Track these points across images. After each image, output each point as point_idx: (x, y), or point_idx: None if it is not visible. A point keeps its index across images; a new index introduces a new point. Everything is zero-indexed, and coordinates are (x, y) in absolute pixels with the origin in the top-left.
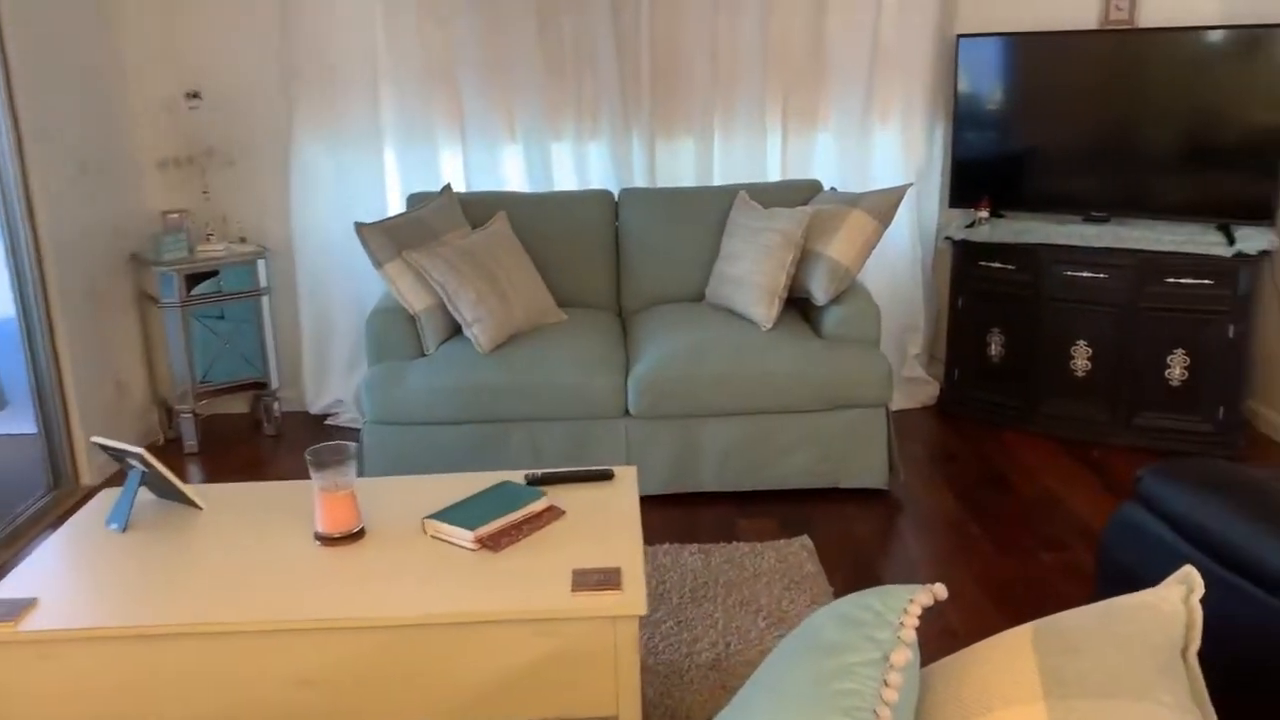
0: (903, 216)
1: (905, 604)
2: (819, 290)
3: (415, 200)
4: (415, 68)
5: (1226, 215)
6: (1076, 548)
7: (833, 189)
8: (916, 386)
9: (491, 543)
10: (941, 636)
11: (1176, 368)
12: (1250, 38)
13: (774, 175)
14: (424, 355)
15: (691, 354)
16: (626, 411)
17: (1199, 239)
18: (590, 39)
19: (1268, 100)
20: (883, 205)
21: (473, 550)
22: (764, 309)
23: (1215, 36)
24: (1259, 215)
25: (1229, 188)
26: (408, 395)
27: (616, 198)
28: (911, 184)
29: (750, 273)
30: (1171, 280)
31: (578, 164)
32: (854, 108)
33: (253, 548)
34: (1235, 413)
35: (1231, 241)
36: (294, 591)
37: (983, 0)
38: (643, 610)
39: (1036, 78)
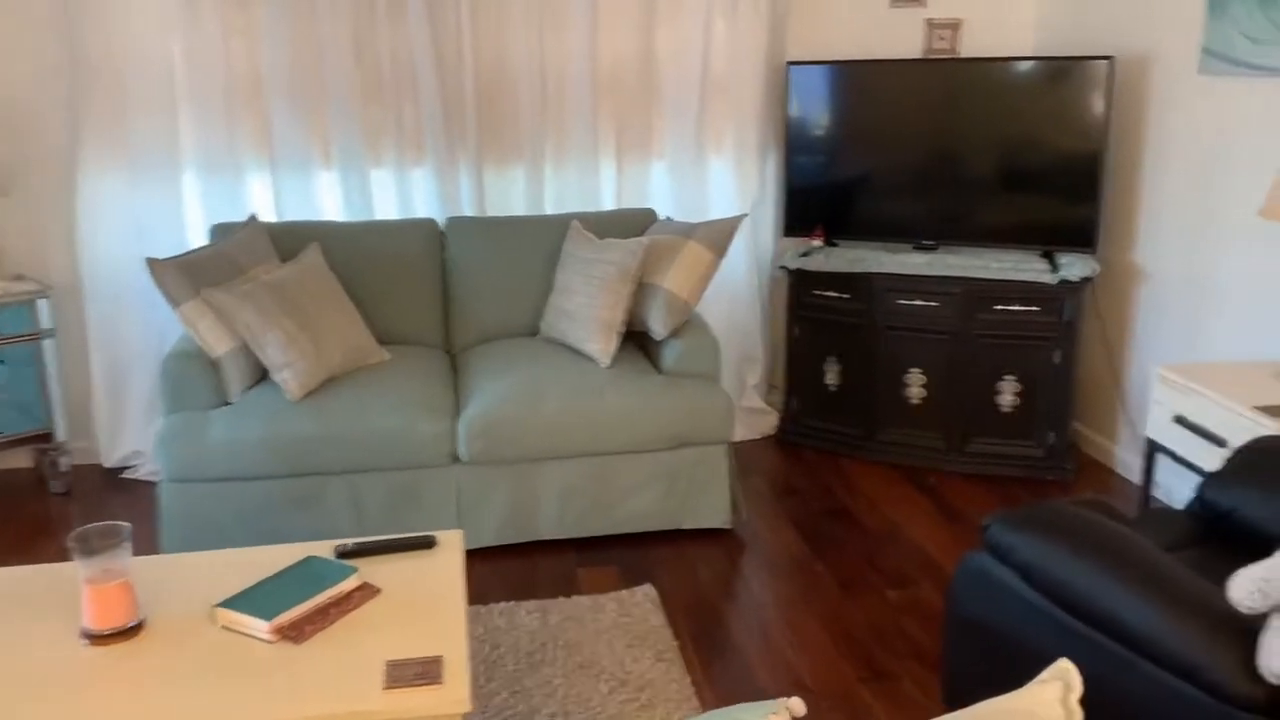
0: (738, 245)
1: None
2: (657, 324)
3: (219, 232)
4: (218, 85)
5: (1050, 242)
6: (921, 583)
7: (668, 218)
8: (756, 417)
9: (293, 633)
10: (791, 690)
11: (1008, 393)
12: (1062, 69)
13: (608, 204)
14: (227, 403)
15: (526, 394)
16: (457, 458)
17: (1024, 266)
18: (409, 61)
19: (1082, 130)
20: (718, 236)
21: (270, 643)
22: (601, 344)
23: (1031, 67)
24: (1080, 242)
25: (1051, 215)
26: (209, 448)
27: (443, 227)
28: (746, 214)
29: (586, 306)
30: (1000, 307)
31: (400, 192)
32: (687, 135)
33: (3, 649)
34: (1063, 437)
35: (1055, 269)
36: (52, 703)
37: (812, 28)
38: (467, 707)
39: (864, 106)
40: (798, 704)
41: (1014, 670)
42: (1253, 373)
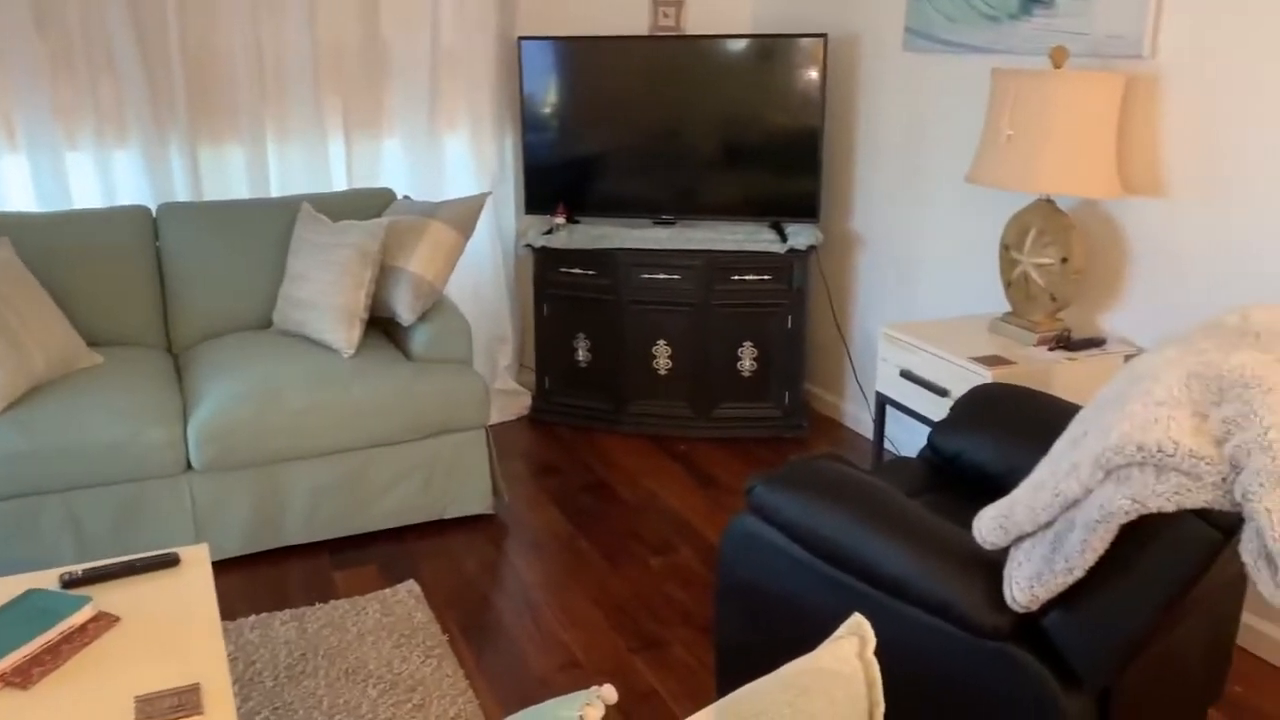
0: (482, 225)
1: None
2: (404, 309)
3: None
4: None
5: (778, 214)
6: (681, 548)
7: (406, 197)
8: (509, 398)
9: (18, 679)
10: (565, 669)
11: (747, 359)
12: (779, 46)
13: (340, 184)
14: None
15: (263, 391)
16: (189, 466)
17: (756, 237)
18: (104, 31)
19: (801, 105)
20: (462, 215)
21: None
22: (343, 333)
23: (750, 44)
24: (805, 213)
25: (777, 188)
26: None
27: (155, 214)
28: (489, 193)
29: (324, 294)
30: (736, 278)
31: (102, 176)
32: (419, 113)
33: None
34: (798, 396)
35: (784, 239)
36: None
37: (543, 4)
38: None
39: (596, 83)
40: (610, 692)
41: (786, 628)
42: (967, 326)
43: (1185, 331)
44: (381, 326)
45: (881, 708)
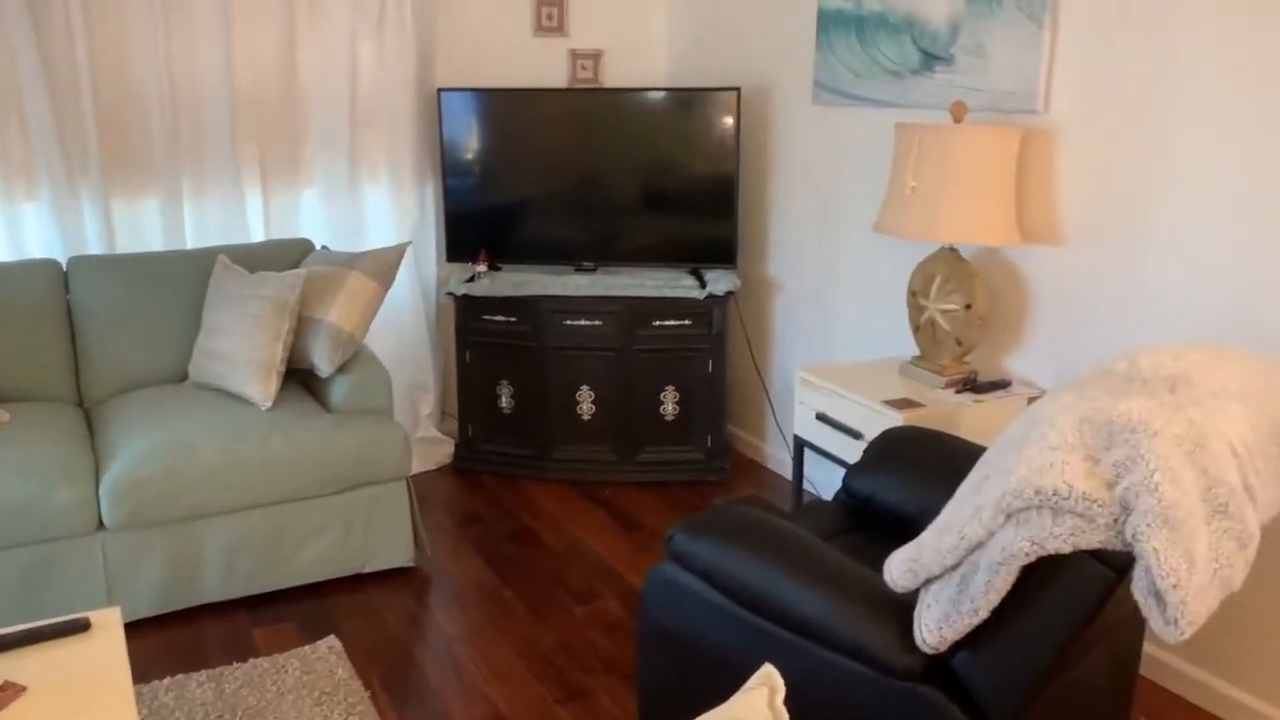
0: (402, 273)
1: None
2: (322, 360)
3: None
4: None
5: (697, 260)
6: (606, 596)
7: (325, 248)
8: (432, 446)
9: None
10: None
11: (669, 404)
12: (696, 98)
13: (257, 235)
14: None
15: (178, 446)
16: (101, 525)
17: (676, 283)
18: (11, 81)
19: (717, 154)
20: (382, 265)
21: None
22: (260, 386)
23: (667, 96)
24: (723, 259)
25: (696, 234)
26: None
27: (65, 268)
28: (409, 242)
29: (241, 347)
30: (657, 323)
31: (9, 230)
32: (339, 163)
33: None
34: (720, 439)
35: (703, 285)
36: None
37: (461, 55)
38: None
39: (516, 133)
40: None
41: (706, 674)
42: (879, 370)
43: (1079, 376)
44: (300, 378)
45: None
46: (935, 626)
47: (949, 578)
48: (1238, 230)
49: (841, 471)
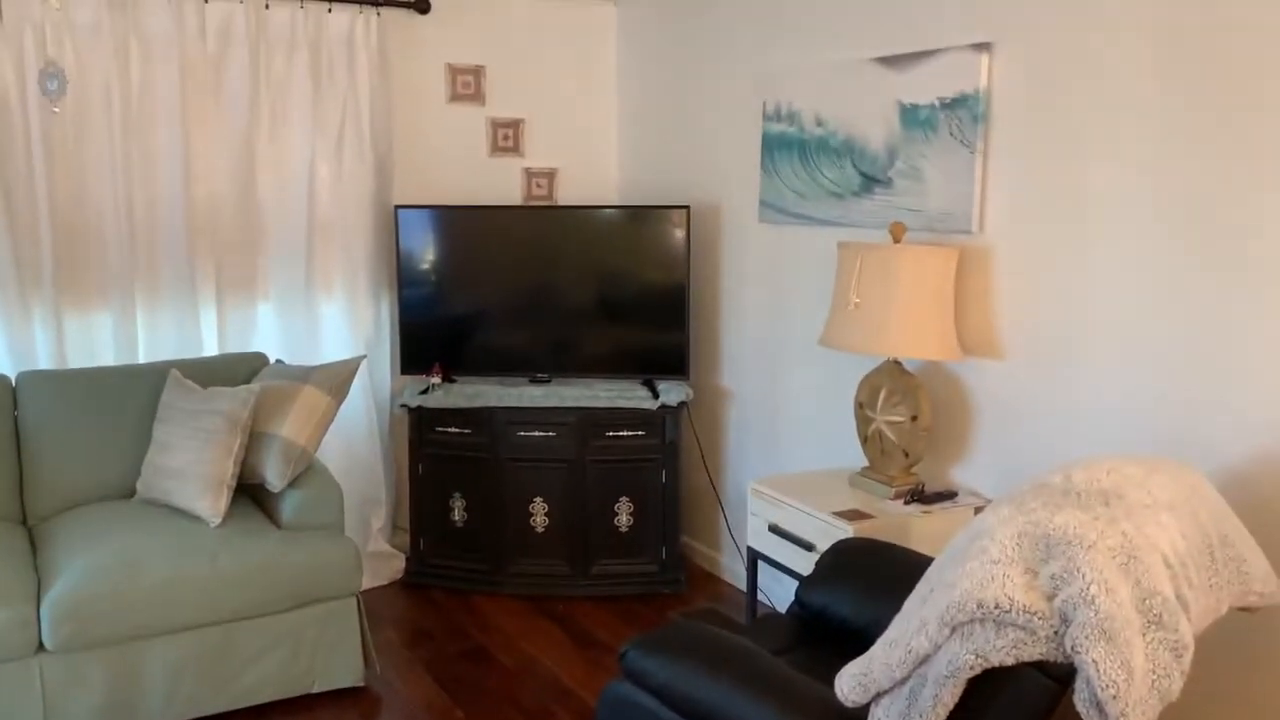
0: (356, 385)
1: None
2: (273, 475)
3: None
4: None
5: (649, 370)
6: (560, 715)
7: (279, 361)
8: (382, 561)
9: None
10: None
11: (623, 514)
12: (644, 215)
13: (211, 349)
14: None
15: (123, 564)
16: (42, 646)
17: (629, 394)
18: None
19: (668, 269)
20: (335, 379)
21: None
22: (209, 502)
23: (620, 213)
24: (675, 369)
25: (648, 346)
26: None
27: (14, 383)
28: (364, 356)
29: (191, 463)
30: (611, 434)
31: None
32: (296, 278)
33: None
34: (674, 551)
35: (656, 395)
36: None
37: (417, 173)
38: None
39: (472, 249)
40: None
41: None
42: (829, 480)
43: (1018, 489)
44: (250, 493)
45: None
46: None
47: (898, 691)
48: (1163, 346)
49: (795, 586)
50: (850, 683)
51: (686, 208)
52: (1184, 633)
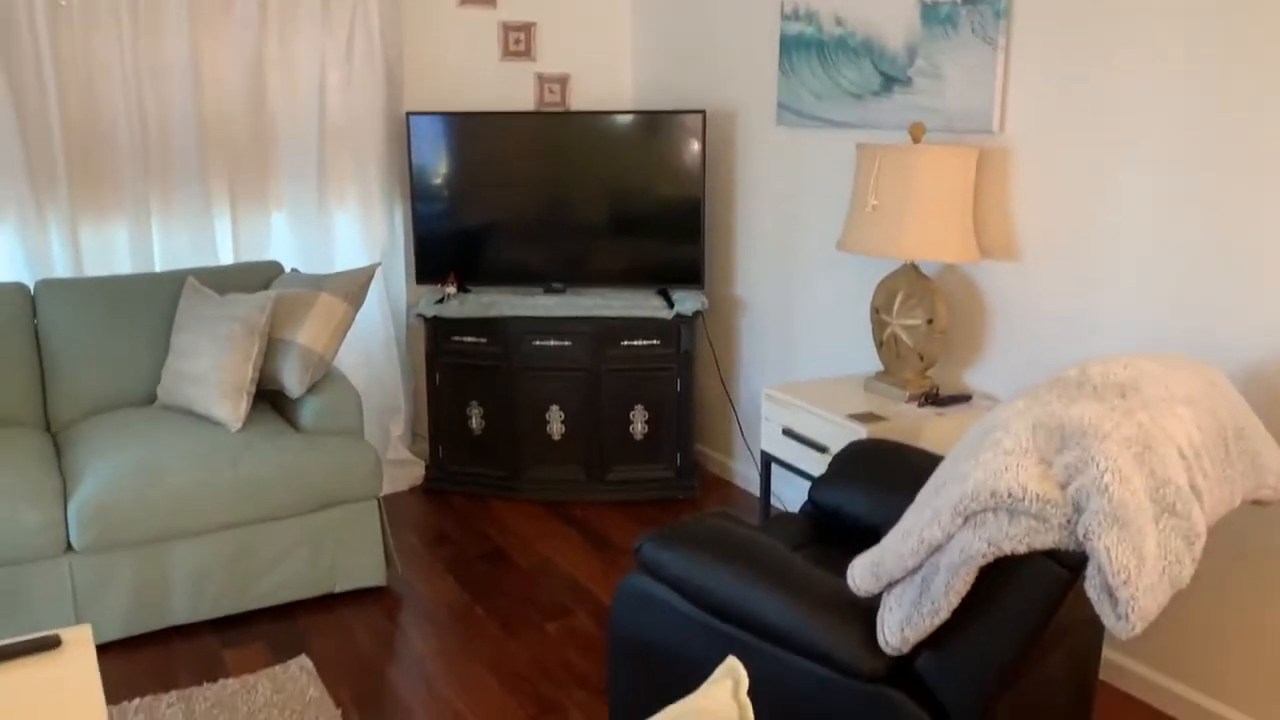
0: (372, 295)
1: None
2: (292, 381)
3: None
4: None
5: (664, 280)
6: (577, 612)
7: (294, 270)
8: (402, 468)
9: None
10: None
11: (638, 423)
12: (661, 121)
13: (226, 258)
14: None
15: (146, 468)
16: (70, 547)
17: (643, 304)
18: None
19: (683, 176)
20: (351, 286)
21: None
22: (230, 408)
23: (634, 119)
24: (690, 279)
25: (663, 255)
26: None
27: (33, 291)
28: (379, 264)
29: (210, 369)
30: (626, 343)
31: None
32: (308, 188)
33: None
34: (689, 457)
35: (671, 305)
36: None
37: (429, 80)
38: None
39: (485, 156)
40: None
41: (676, 682)
42: (843, 386)
43: (1033, 384)
44: (269, 399)
45: None
46: (898, 628)
47: (910, 580)
48: (1186, 247)
49: (808, 487)
50: (862, 571)
51: (702, 112)
52: (1197, 521)
